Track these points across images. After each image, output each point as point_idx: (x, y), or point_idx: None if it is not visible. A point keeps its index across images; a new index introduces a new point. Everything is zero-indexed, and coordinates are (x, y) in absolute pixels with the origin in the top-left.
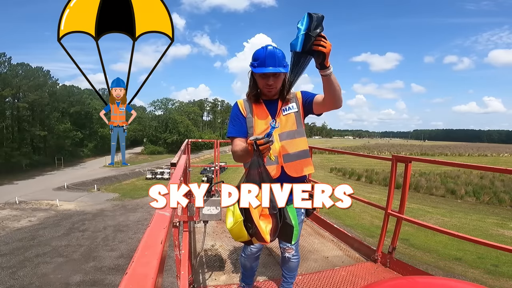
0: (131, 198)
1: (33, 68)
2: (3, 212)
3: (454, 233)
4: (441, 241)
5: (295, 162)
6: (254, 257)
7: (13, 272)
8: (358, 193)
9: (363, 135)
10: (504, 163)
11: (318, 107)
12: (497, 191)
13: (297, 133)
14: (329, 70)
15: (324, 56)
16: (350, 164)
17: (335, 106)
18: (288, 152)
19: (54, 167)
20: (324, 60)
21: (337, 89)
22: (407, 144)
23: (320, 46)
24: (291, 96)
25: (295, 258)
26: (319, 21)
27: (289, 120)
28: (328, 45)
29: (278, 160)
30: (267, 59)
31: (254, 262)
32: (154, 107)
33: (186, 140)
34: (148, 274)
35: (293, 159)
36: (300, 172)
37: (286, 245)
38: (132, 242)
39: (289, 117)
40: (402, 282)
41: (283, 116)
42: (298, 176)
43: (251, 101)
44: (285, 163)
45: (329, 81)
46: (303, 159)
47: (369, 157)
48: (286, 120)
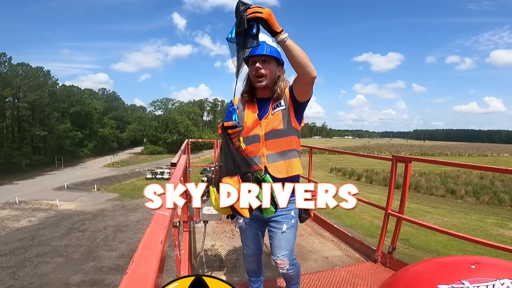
0: (131, 198)
1: (33, 68)
2: (3, 212)
3: (454, 233)
4: (441, 241)
5: (279, 163)
6: (250, 260)
7: (13, 272)
8: (358, 193)
9: (363, 135)
10: (504, 163)
11: (296, 89)
12: (497, 191)
13: (283, 132)
14: (282, 35)
15: (267, 22)
16: (350, 164)
17: (305, 76)
18: (272, 152)
19: (54, 167)
20: (270, 26)
21: (300, 54)
22: (407, 144)
23: (255, 13)
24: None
25: (292, 271)
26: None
27: (276, 119)
28: (265, 10)
29: (262, 160)
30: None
31: (252, 265)
32: (154, 107)
33: (186, 140)
34: (148, 274)
35: (277, 159)
36: (284, 173)
37: (276, 257)
38: (132, 242)
39: (276, 116)
40: (424, 265)
41: (271, 115)
42: (284, 177)
43: (244, 99)
44: (268, 163)
45: (286, 48)
46: (288, 159)
47: (369, 157)
48: (273, 119)
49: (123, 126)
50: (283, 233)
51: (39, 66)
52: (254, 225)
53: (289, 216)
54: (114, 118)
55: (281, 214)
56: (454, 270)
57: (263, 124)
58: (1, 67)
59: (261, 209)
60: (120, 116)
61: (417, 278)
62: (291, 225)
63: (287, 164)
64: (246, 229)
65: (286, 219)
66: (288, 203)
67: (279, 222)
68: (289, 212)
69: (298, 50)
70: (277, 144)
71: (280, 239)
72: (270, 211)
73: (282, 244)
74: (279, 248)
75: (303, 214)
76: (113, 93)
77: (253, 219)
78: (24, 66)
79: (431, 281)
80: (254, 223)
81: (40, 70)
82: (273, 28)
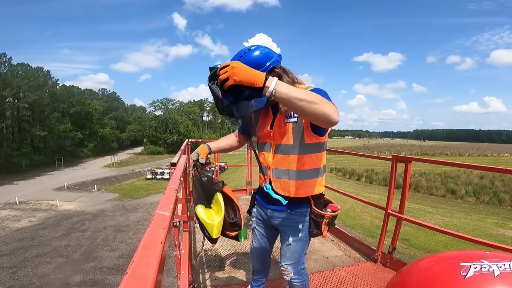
0: (131, 198)
1: (33, 68)
2: (3, 212)
3: (454, 233)
4: (441, 241)
5: (286, 181)
6: (254, 258)
7: (13, 272)
8: (358, 193)
9: (363, 135)
10: (504, 163)
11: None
12: (497, 191)
13: (292, 149)
14: (268, 88)
15: (238, 84)
16: (350, 164)
17: (321, 124)
18: (278, 167)
19: (54, 167)
20: (244, 86)
21: (301, 104)
22: (407, 144)
23: (221, 76)
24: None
25: (297, 280)
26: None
27: (286, 132)
28: (228, 71)
29: (268, 172)
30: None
31: (256, 264)
32: (154, 107)
33: (186, 140)
34: (148, 274)
35: (283, 176)
36: (287, 191)
37: (281, 265)
38: (132, 242)
39: (287, 128)
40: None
41: (284, 125)
42: (288, 196)
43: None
44: (273, 177)
45: (279, 101)
46: (298, 180)
47: (369, 157)
48: (284, 131)
49: (123, 126)
50: (288, 245)
51: (39, 66)
52: (264, 228)
53: (296, 229)
54: (114, 118)
55: (289, 226)
56: (471, 255)
57: (276, 134)
58: (1, 67)
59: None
60: (120, 116)
61: (434, 267)
62: (298, 238)
63: (293, 185)
64: (255, 230)
65: (292, 231)
66: (295, 215)
67: (286, 233)
68: (297, 225)
69: (295, 98)
70: (285, 161)
71: (285, 249)
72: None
73: (287, 255)
74: (284, 257)
75: (312, 229)
76: (113, 93)
77: (264, 222)
78: (24, 66)
79: (452, 262)
80: (264, 226)
81: (40, 70)
82: (254, 86)
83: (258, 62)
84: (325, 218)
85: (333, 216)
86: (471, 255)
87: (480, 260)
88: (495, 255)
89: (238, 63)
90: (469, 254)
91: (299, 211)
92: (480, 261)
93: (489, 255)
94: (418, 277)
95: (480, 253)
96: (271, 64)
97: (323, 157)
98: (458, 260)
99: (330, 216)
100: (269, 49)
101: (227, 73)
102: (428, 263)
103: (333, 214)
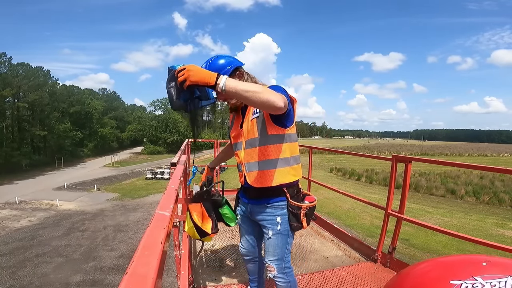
0: (131, 198)
1: (33, 68)
2: (3, 212)
3: (454, 233)
4: (441, 241)
5: (256, 172)
6: (245, 259)
7: (13, 272)
8: (358, 193)
9: (363, 135)
10: (504, 163)
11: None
12: (497, 191)
13: (258, 141)
14: (218, 85)
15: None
16: (350, 164)
17: (269, 110)
18: (249, 161)
19: (54, 167)
20: (201, 85)
21: (247, 95)
22: (407, 144)
23: (179, 78)
24: None
25: (280, 280)
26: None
27: (252, 126)
28: (185, 73)
29: (242, 168)
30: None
31: (248, 265)
32: (154, 107)
33: (186, 140)
34: (148, 274)
35: (254, 168)
36: (262, 182)
37: (265, 261)
38: (132, 242)
39: (253, 123)
40: (431, 263)
41: (250, 122)
42: (264, 187)
43: (230, 111)
44: (246, 172)
45: (228, 94)
46: (265, 170)
47: (369, 157)
48: (250, 127)
49: (123, 126)
50: (269, 239)
51: (39, 66)
52: (248, 224)
53: (274, 222)
54: (114, 118)
55: (267, 219)
56: (466, 267)
57: (244, 132)
58: (1, 67)
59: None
60: (120, 116)
61: (426, 276)
62: (277, 231)
63: (265, 174)
64: (241, 226)
65: (271, 225)
66: (272, 209)
67: (265, 227)
68: (275, 218)
69: (242, 90)
70: (253, 153)
71: (267, 245)
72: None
73: (269, 250)
74: (267, 253)
75: (292, 222)
76: (113, 93)
77: (247, 219)
78: (24, 66)
79: (443, 278)
80: (248, 222)
81: (40, 70)
82: (208, 84)
83: (220, 66)
84: (303, 210)
85: (310, 207)
86: (465, 269)
87: (473, 276)
88: (492, 266)
89: (194, 66)
90: (464, 266)
91: (275, 204)
92: (473, 278)
93: (486, 267)
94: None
95: (476, 265)
96: (232, 67)
97: (292, 147)
98: (448, 276)
99: (307, 207)
100: (233, 58)
101: (184, 75)
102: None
103: (310, 205)
